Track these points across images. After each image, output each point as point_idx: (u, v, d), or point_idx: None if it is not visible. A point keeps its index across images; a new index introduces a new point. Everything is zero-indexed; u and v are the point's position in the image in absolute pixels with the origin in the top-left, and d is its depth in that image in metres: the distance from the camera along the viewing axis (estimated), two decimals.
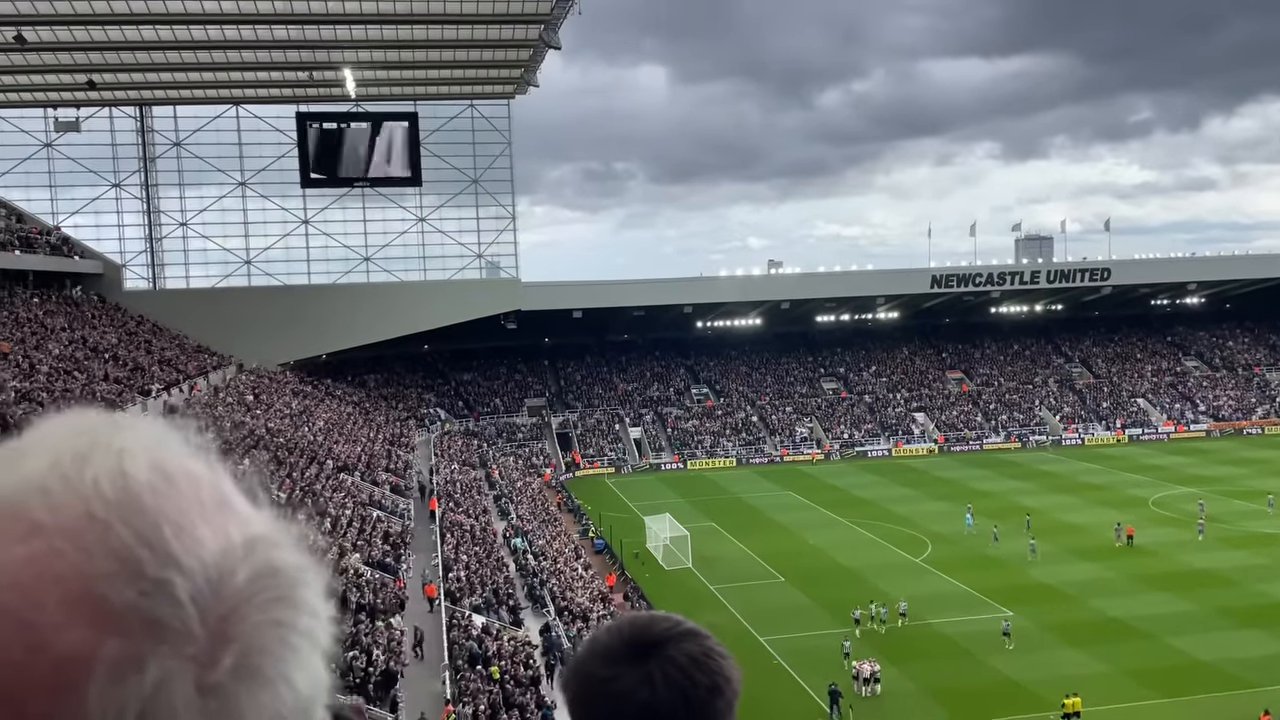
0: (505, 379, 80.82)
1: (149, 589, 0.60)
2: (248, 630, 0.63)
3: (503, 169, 73.86)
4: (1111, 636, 34.51)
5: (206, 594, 0.62)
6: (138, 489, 0.64)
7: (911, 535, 49.02)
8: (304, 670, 0.66)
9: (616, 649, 1.23)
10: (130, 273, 69.35)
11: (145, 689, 0.59)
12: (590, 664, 1.24)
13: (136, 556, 0.61)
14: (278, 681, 0.65)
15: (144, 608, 0.60)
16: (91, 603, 0.59)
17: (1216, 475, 60.62)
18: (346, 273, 73.51)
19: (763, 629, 36.57)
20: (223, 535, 0.66)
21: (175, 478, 0.67)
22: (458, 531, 42.21)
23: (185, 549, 0.63)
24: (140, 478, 0.65)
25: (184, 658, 0.60)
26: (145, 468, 0.66)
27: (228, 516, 0.67)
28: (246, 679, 0.63)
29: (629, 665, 1.21)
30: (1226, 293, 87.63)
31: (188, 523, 0.64)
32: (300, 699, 0.66)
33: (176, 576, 0.61)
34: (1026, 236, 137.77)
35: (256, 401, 51.00)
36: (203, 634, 0.61)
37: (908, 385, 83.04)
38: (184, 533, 0.63)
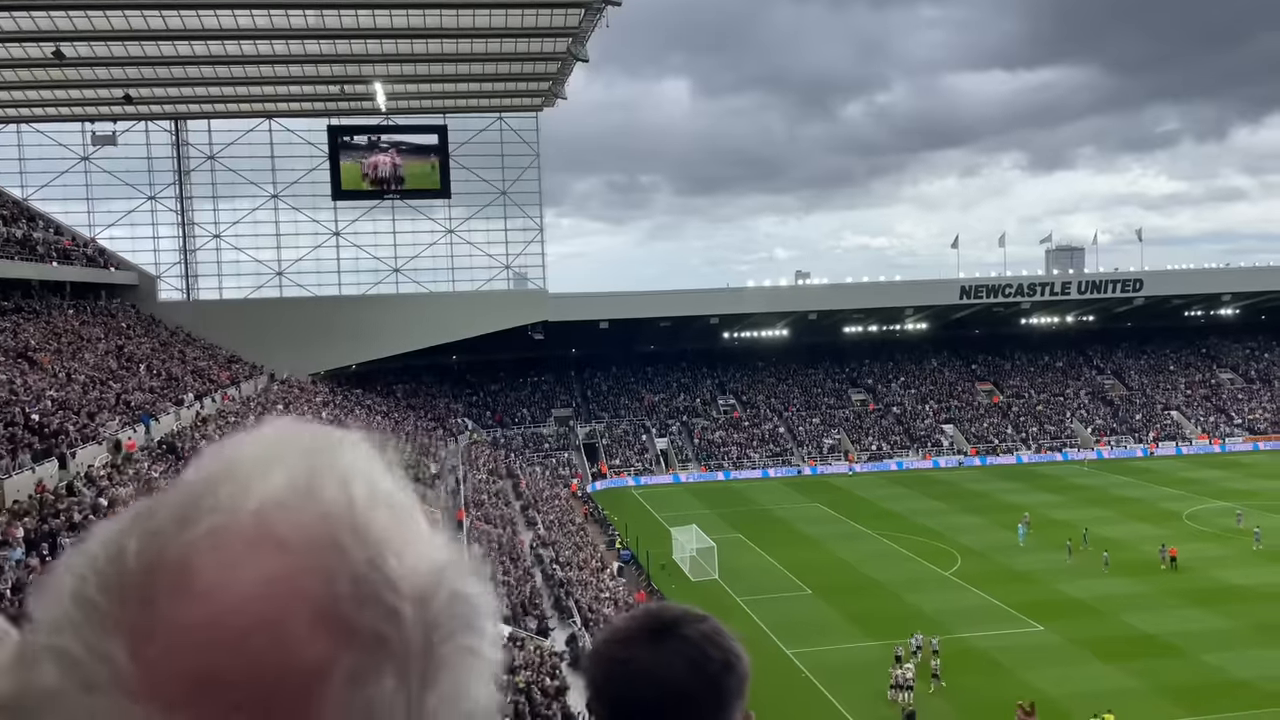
0: (532, 389, 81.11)
1: (382, 613, 0.66)
2: (449, 653, 0.69)
3: (531, 181, 74.34)
4: (1144, 652, 34.02)
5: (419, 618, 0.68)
6: (363, 514, 0.69)
7: (940, 548, 48.61)
8: (485, 689, 0.72)
9: (634, 633, 1.29)
10: (164, 284, 70.36)
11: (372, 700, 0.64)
12: (609, 647, 1.30)
13: (371, 581, 0.66)
14: (466, 700, 0.70)
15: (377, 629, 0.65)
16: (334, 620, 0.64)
17: (1253, 489, 59.66)
18: (376, 284, 74.17)
19: (789, 642, 36.38)
20: (425, 560, 0.71)
21: (385, 501, 0.72)
22: (485, 541, 42.37)
23: (404, 574, 0.68)
24: (363, 502, 0.70)
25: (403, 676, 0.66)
26: (365, 492, 0.71)
27: (423, 541, 0.72)
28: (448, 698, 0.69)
29: (646, 646, 1.27)
30: (1261, 304, 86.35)
31: (403, 549, 0.69)
32: (479, 712, 0.72)
33: (403, 604, 0.67)
34: (1057, 247, 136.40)
35: (287, 411, 51.45)
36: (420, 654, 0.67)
37: (936, 397, 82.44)
38: (403, 559, 0.69)
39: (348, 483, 0.70)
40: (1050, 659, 33.90)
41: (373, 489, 0.71)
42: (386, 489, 0.73)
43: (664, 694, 1.25)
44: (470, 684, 0.71)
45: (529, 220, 75.08)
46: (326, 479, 0.70)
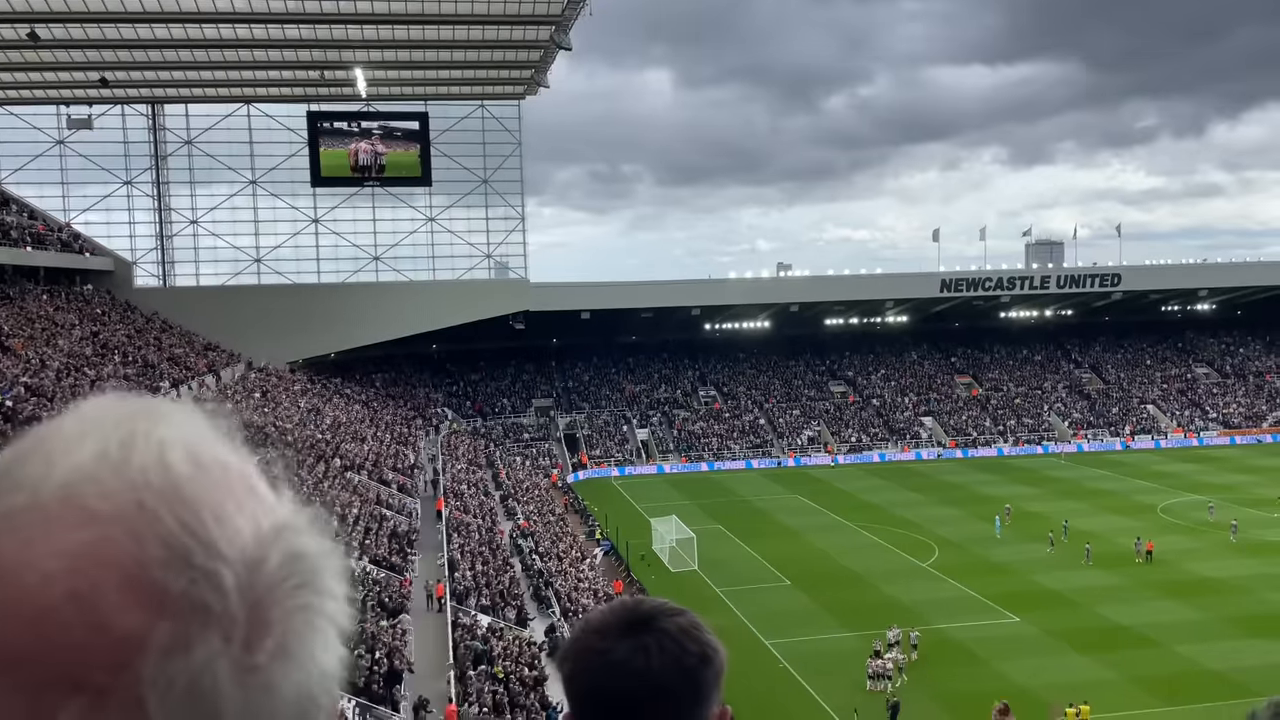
0: (513, 379, 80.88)
1: (198, 577, 0.65)
2: (281, 614, 0.68)
3: (512, 169, 73.99)
4: (1119, 644, 34.34)
5: (245, 581, 0.67)
6: (180, 479, 0.68)
7: (919, 540, 48.88)
8: (327, 649, 0.72)
9: (611, 625, 1.30)
10: (141, 270, 69.62)
11: (193, 667, 0.64)
12: (587, 639, 1.30)
13: (185, 546, 0.66)
14: (306, 661, 0.70)
15: (193, 594, 0.65)
16: (146, 588, 0.64)
17: (1226, 483, 60.31)
18: (356, 272, 73.68)
19: (768, 633, 36.49)
20: (254, 523, 0.70)
21: (210, 467, 0.71)
22: (464, 531, 42.25)
23: (226, 538, 0.67)
24: (180, 468, 0.69)
25: (228, 640, 0.65)
26: (184, 457, 0.70)
27: (256, 504, 0.72)
28: (281, 659, 0.68)
29: (624, 638, 1.28)
30: (1237, 299, 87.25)
31: (225, 512, 0.69)
32: (326, 675, 0.72)
33: (222, 566, 0.66)
34: (1037, 241, 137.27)
35: (265, 399, 51.11)
36: (243, 619, 0.66)
37: (916, 389, 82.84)
38: (224, 522, 0.68)
39: (163, 449, 0.70)
40: (1026, 650, 34.16)
41: (193, 455, 0.71)
42: (212, 454, 0.72)
43: (642, 686, 1.26)
44: (311, 645, 0.70)
45: (510, 209, 74.78)
46: (139, 447, 0.69)
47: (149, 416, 0.73)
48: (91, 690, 0.62)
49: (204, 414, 0.77)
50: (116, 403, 0.74)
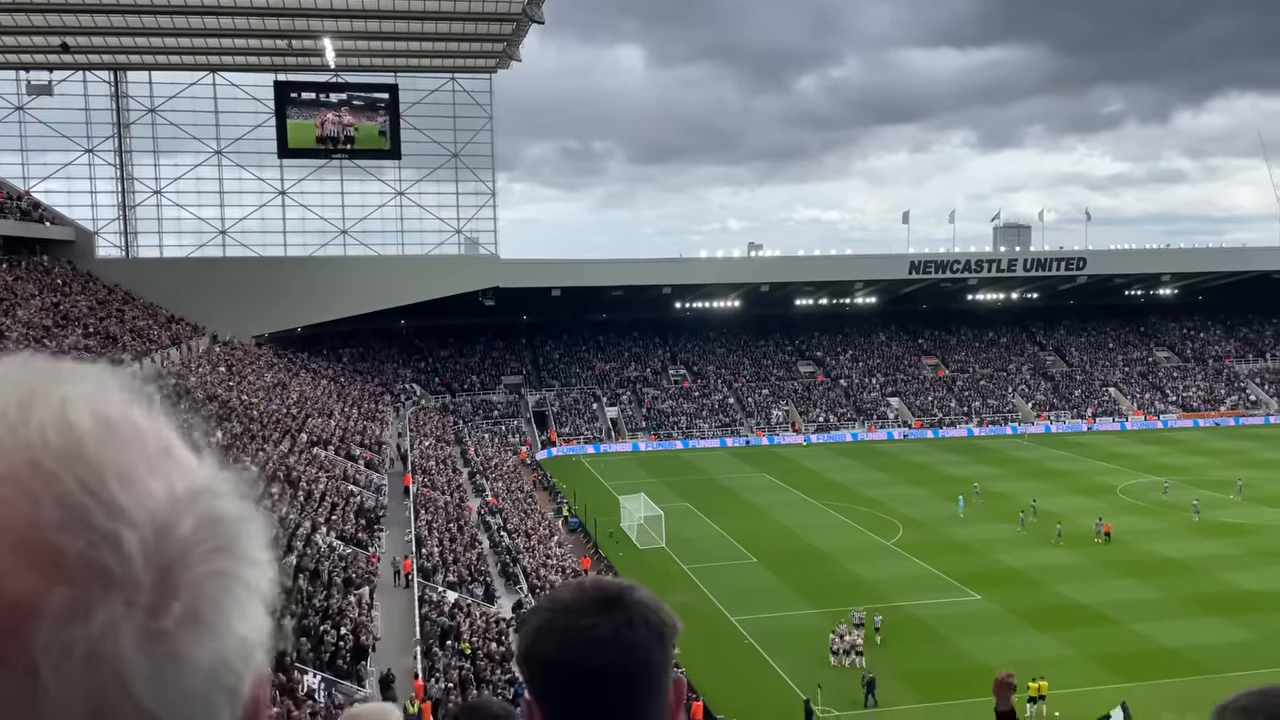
0: (482, 356, 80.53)
1: (96, 539, 0.62)
2: (192, 580, 0.65)
3: (483, 144, 73.37)
4: (1078, 622, 34.97)
5: (152, 544, 0.64)
6: (82, 438, 0.65)
7: (883, 519, 49.41)
8: (246, 617, 0.68)
9: (587, 603, 1.33)
10: (102, 240, 68.39)
11: (92, 634, 0.60)
12: (568, 617, 1.32)
13: (84, 506, 0.62)
14: (221, 628, 0.66)
15: (92, 557, 0.61)
16: (41, 551, 0.61)
17: (1185, 465, 61.45)
18: (323, 245, 72.87)
19: (734, 609, 36.79)
20: (167, 485, 0.67)
21: (118, 427, 0.68)
22: (432, 508, 42.11)
23: (132, 500, 0.64)
24: (84, 427, 0.66)
25: (131, 605, 0.62)
26: (88, 417, 0.66)
27: (171, 466, 0.68)
28: (191, 626, 0.64)
29: (604, 615, 1.31)
30: (1199, 285, 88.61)
31: (133, 473, 0.65)
32: (243, 644, 0.68)
33: (124, 528, 0.63)
34: (1005, 225, 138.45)
35: (230, 374, 50.52)
36: (149, 583, 0.63)
37: (884, 370, 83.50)
38: (130, 483, 0.65)
39: (66, 408, 0.66)
40: (987, 627, 34.70)
41: (100, 414, 0.68)
42: (123, 415, 0.69)
43: (631, 659, 1.29)
44: (227, 612, 0.67)
45: (481, 184, 74.22)
46: (39, 406, 0.66)
47: (54, 376, 0.69)
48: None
49: (119, 375, 0.73)
50: (22, 363, 0.70)
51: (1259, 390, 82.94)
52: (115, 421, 0.68)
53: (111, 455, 0.65)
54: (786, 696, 29.79)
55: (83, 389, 0.69)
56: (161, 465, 0.68)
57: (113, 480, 0.64)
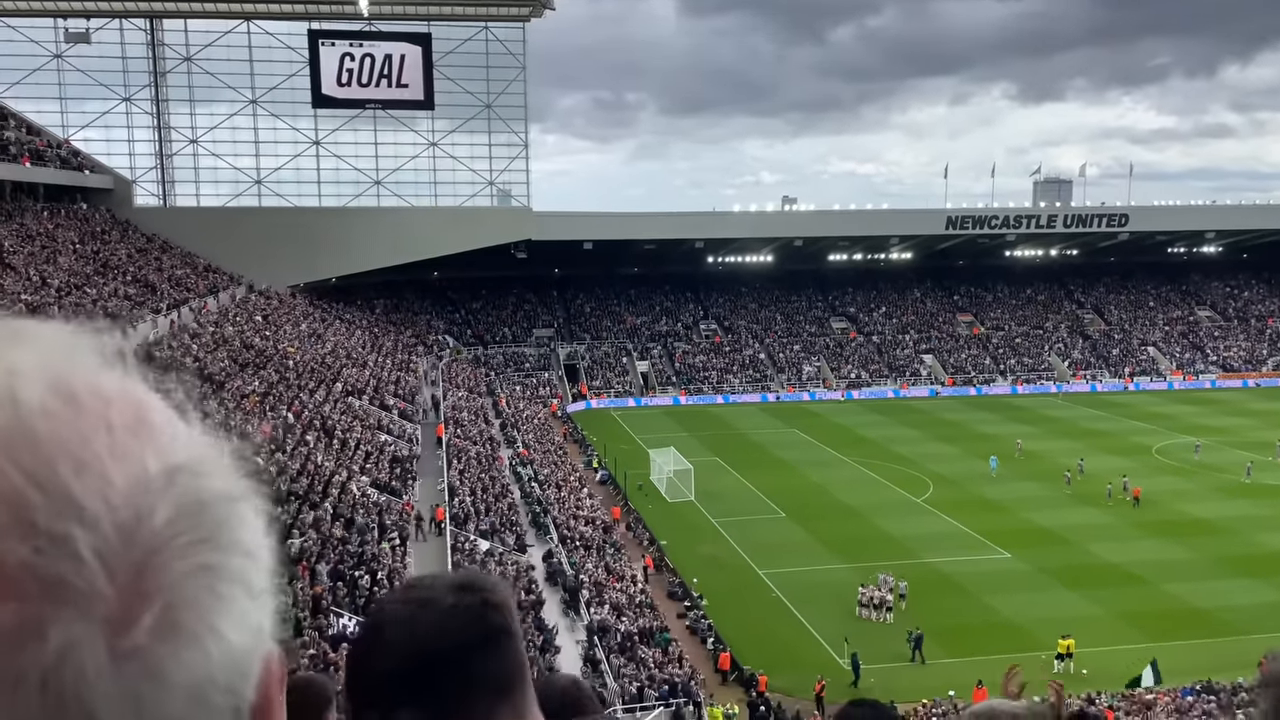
0: (514, 309, 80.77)
1: (44, 545, 0.51)
2: (168, 581, 0.54)
3: (516, 94, 72.81)
4: (1108, 581, 34.87)
5: (115, 543, 0.53)
6: (30, 417, 0.54)
7: (914, 476, 49.32)
8: (236, 620, 0.57)
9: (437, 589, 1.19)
10: (140, 189, 68.99)
11: (47, 658, 0.50)
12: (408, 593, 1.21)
13: (28, 503, 0.52)
14: (205, 637, 0.56)
15: (39, 566, 0.51)
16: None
17: (1223, 425, 60.63)
18: (357, 196, 73.05)
19: (762, 563, 37.05)
20: (136, 467, 0.56)
21: (79, 398, 0.56)
22: (464, 458, 42.60)
23: (87, 489, 0.53)
24: (34, 403, 0.55)
25: (92, 620, 0.52)
26: (41, 389, 0.55)
27: (144, 442, 0.57)
28: (169, 638, 0.54)
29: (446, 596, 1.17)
30: (1244, 243, 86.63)
31: (91, 455, 0.54)
32: (232, 652, 0.57)
33: (76, 528, 0.52)
34: (1045, 180, 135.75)
35: (266, 323, 51.10)
36: (112, 591, 0.52)
37: (917, 327, 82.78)
38: (86, 469, 0.54)
39: (13, 380, 0.55)
40: (1015, 585, 34.71)
41: (57, 385, 0.56)
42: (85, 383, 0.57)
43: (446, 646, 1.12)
44: (210, 613, 0.56)
45: (513, 135, 73.80)
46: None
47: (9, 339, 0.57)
48: None
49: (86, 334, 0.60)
50: None
51: None
52: (76, 392, 0.56)
53: (66, 435, 0.54)
54: (813, 649, 30.08)
55: (39, 355, 0.57)
56: (131, 442, 0.56)
57: (65, 467, 0.53)
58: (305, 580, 24.36)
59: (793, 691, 27.40)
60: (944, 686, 26.78)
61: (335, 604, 24.18)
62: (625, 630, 28.95)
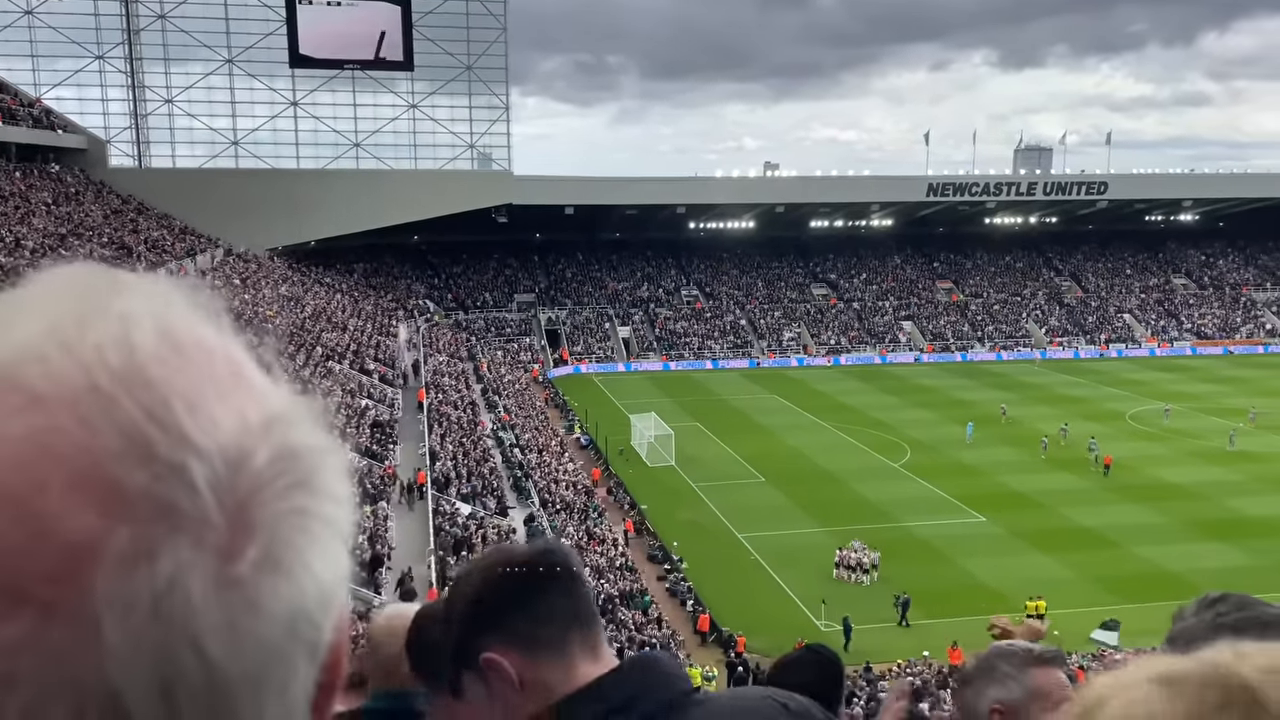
0: (495, 273, 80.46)
1: (162, 472, 0.54)
2: (269, 518, 0.57)
3: (497, 56, 72.05)
4: (1081, 544, 35.49)
5: (225, 478, 0.56)
6: (145, 359, 0.56)
7: (891, 441, 49.82)
8: (326, 559, 0.60)
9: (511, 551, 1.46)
10: (115, 149, 67.99)
11: (158, 581, 0.53)
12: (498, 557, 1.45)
13: (147, 435, 0.54)
14: (300, 572, 0.58)
15: (157, 492, 0.53)
16: (99, 486, 0.53)
17: (1196, 392, 61.45)
18: (336, 158, 72.27)
19: (741, 526, 37.45)
20: (238, 413, 0.58)
21: (185, 348, 0.59)
22: (445, 422, 42.65)
23: (200, 428, 0.56)
24: (148, 347, 0.57)
25: (201, 548, 0.54)
26: (153, 335, 0.58)
27: (243, 392, 0.60)
28: (269, 570, 0.57)
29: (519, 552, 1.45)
30: (1220, 211, 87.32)
31: (201, 399, 0.57)
32: (323, 589, 0.60)
33: (192, 459, 0.55)
34: (1025, 147, 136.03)
35: (244, 286, 50.72)
36: (222, 522, 0.55)
37: (897, 294, 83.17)
38: (198, 410, 0.56)
39: (128, 327, 0.57)
40: (990, 549, 35.27)
41: (165, 333, 0.58)
42: (191, 335, 0.60)
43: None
44: (304, 551, 0.59)
45: (494, 98, 73.11)
46: (99, 323, 0.57)
47: (116, 288, 0.60)
48: (36, 604, 0.51)
49: (185, 289, 0.64)
50: (83, 272, 0.61)
51: (1274, 319, 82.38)
52: (182, 342, 0.59)
53: (178, 379, 0.57)
54: (791, 611, 30.52)
55: (146, 304, 0.60)
56: (233, 391, 0.59)
57: (179, 407, 0.56)
58: None
59: (770, 652, 27.80)
60: (919, 647, 27.30)
61: None
62: (606, 593, 29.28)
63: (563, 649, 1.33)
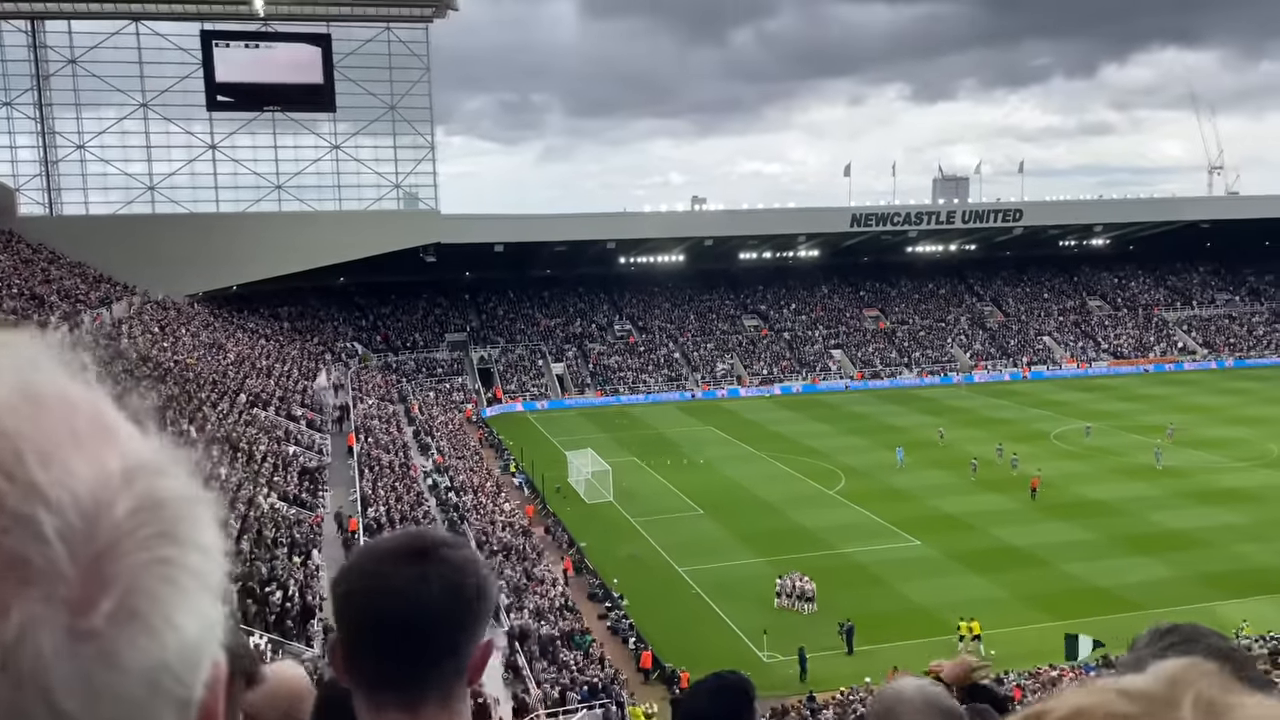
0: (425, 313, 79.62)
1: (9, 524, 0.54)
2: (127, 570, 0.56)
3: (421, 96, 71.78)
4: (1012, 564, 36.10)
5: (79, 529, 0.55)
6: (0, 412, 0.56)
7: (826, 468, 50.27)
8: (191, 612, 0.59)
9: (394, 552, 1.36)
10: (24, 197, 65.90)
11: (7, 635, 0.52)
12: (368, 563, 1.36)
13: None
14: (160, 625, 0.57)
15: (5, 545, 0.53)
16: None
17: (1115, 410, 63.34)
18: (257, 201, 71.03)
19: (681, 560, 37.29)
20: (98, 464, 0.58)
21: (45, 400, 0.59)
22: (376, 467, 41.79)
23: (53, 479, 0.55)
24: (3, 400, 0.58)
25: (52, 601, 0.53)
26: (9, 388, 0.58)
27: (106, 443, 0.60)
28: (126, 623, 0.55)
29: (406, 565, 1.32)
30: (1130, 235, 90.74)
31: (57, 450, 0.57)
32: (186, 643, 0.58)
33: (42, 510, 0.54)
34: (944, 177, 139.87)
35: (163, 334, 49.30)
36: (75, 575, 0.54)
37: (826, 323, 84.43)
38: (52, 461, 0.56)
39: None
40: (925, 571, 35.67)
41: (24, 386, 0.59)
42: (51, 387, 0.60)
43: (418, 613, 1.30)
44: (166, 604, 0.57)
45: (419, 137, 72.75)
46: None
47: None
48: None
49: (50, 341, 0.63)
50: None
51: (1186, 337, 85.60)
52: (43, 395, 0.59)
53: (33, 430, 0.57)
54: (733, 644, 30.38)
55: (8, 358, 0.60)
56: (94, 441, 0.59)
57: (31, 458, 0.56)
58: None
59: None
60: (862, 674, 27.36)
61: (246, 623, 23.44)
62: (546, 634, 28.80)
63: None
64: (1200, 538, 38.32)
